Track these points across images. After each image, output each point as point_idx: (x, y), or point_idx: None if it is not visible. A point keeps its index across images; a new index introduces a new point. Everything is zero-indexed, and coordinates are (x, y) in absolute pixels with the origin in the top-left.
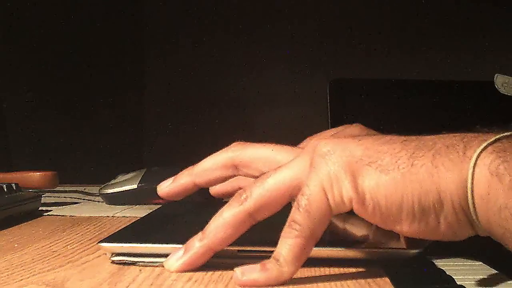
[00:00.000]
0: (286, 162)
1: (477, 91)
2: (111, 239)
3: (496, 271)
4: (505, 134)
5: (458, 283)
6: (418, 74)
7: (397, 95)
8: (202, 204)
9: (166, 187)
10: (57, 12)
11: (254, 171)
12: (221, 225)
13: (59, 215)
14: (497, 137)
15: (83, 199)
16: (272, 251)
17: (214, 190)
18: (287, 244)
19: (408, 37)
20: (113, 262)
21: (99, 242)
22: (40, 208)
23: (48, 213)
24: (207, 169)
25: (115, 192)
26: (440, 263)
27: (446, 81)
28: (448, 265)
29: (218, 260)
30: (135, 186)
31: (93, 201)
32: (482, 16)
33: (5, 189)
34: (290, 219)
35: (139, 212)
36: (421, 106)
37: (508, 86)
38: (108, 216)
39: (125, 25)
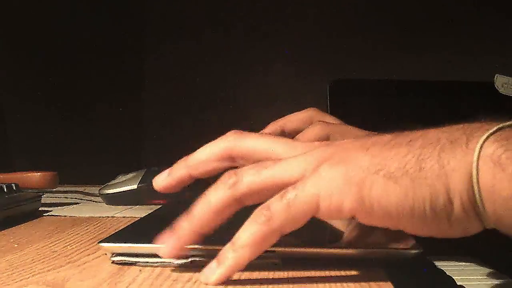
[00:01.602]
0: (286, 156)
1: (477, 91)
2: (111, 239)
3: (495, 271)
4: (509, 123)
5: (458, 283)
6: (418, 74)
7: (397, 95)
8: None
9: (162, 181)
10: (56, 12)
11: (252, 163)
12: (206, 210)
13: (59, 216)
14: (499, 126)
15: (83, 199)
16: (271, 251)
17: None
18: (251, 230)
19: (408, 37)
20: (113, 262)
21: (99, 242)
22: (40, 209)
23: (48, 213)
24: (202, 160)
25: (115, 193)
26: (440, 263)
27: (446, 81)
28: (448, 265)
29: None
30: (135, 187)
31: (93, 201)
32: (482, 16)
33: (5, 189)
34: (267, 203)
35: (139, 212)
36: (421, 107)
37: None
38: (108, 216)
39: (124, 25)
